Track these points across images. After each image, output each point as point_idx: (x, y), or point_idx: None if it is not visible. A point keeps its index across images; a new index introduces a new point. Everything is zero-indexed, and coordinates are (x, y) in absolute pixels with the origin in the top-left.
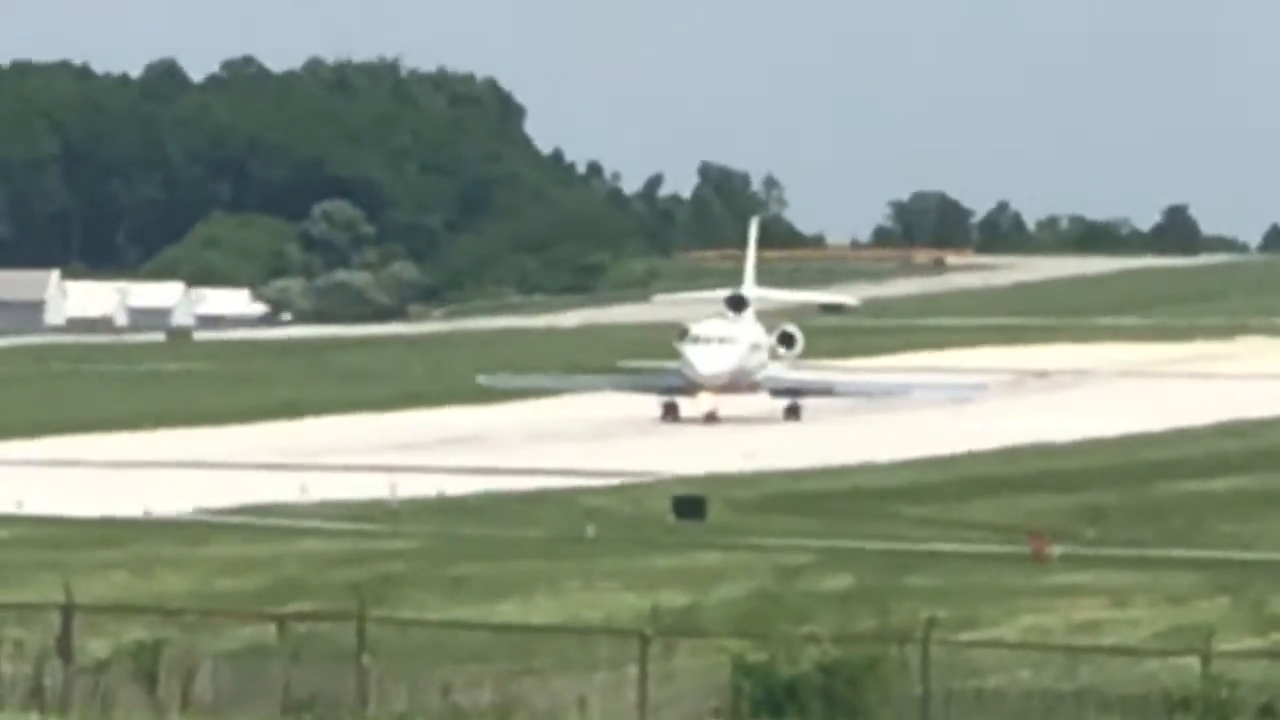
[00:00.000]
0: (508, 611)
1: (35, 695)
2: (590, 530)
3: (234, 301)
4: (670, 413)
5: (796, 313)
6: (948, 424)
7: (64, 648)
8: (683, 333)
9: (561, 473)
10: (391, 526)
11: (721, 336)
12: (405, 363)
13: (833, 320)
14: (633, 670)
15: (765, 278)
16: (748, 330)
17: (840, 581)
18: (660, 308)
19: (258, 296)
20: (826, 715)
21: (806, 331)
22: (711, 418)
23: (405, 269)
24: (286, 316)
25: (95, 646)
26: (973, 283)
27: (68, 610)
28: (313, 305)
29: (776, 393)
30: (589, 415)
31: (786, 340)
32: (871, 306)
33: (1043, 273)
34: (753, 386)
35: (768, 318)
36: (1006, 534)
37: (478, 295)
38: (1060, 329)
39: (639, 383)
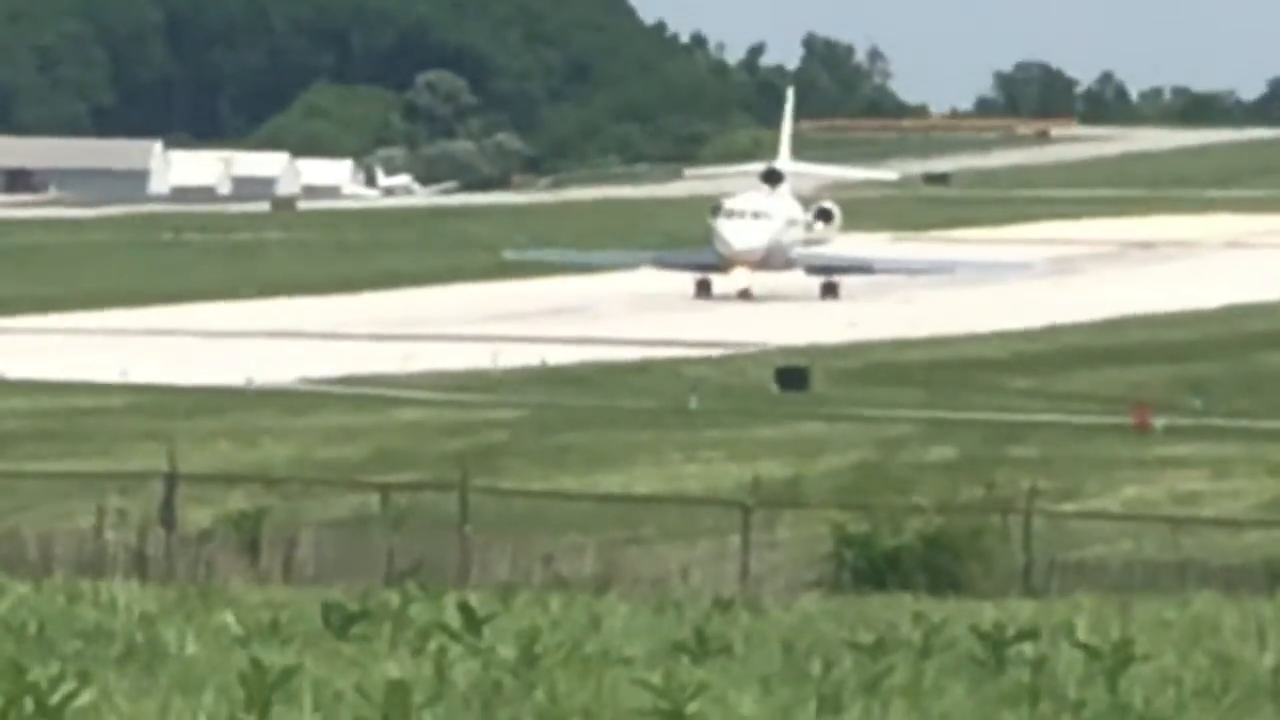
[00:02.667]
0: (610, 481)
1: (138, 564)
2: (693, 400)
3: (337, 171)
4: (704, 290)
5: (903, 184)
6: (1051, 295)
7: (167, 516)
8: (715, 207)
9: (664, 343)
10: (494, 396)
11: (755, 211)
12: (508, 232)
13: (934, 191)
14: (735, 540)
15: (870, 147)
16: (782, 205)
17: (943, 452)
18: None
19: (361, 166)
20: (929, 586)
21: (910, 202)
22: (745, 295)
23: (509, 139)
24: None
25: (198, 515)
26: (1076, 154)
27: (170, 479)
28: (417, 174)
29: (813, 270)
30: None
31: (824, 216)
32: (974, 177)
33: (1147, 144)
34: (787, 264)
35: (864, 193)
36: (1110, 405)
37: (581, 165)
38: (1164, 200)
39: (672, 259)
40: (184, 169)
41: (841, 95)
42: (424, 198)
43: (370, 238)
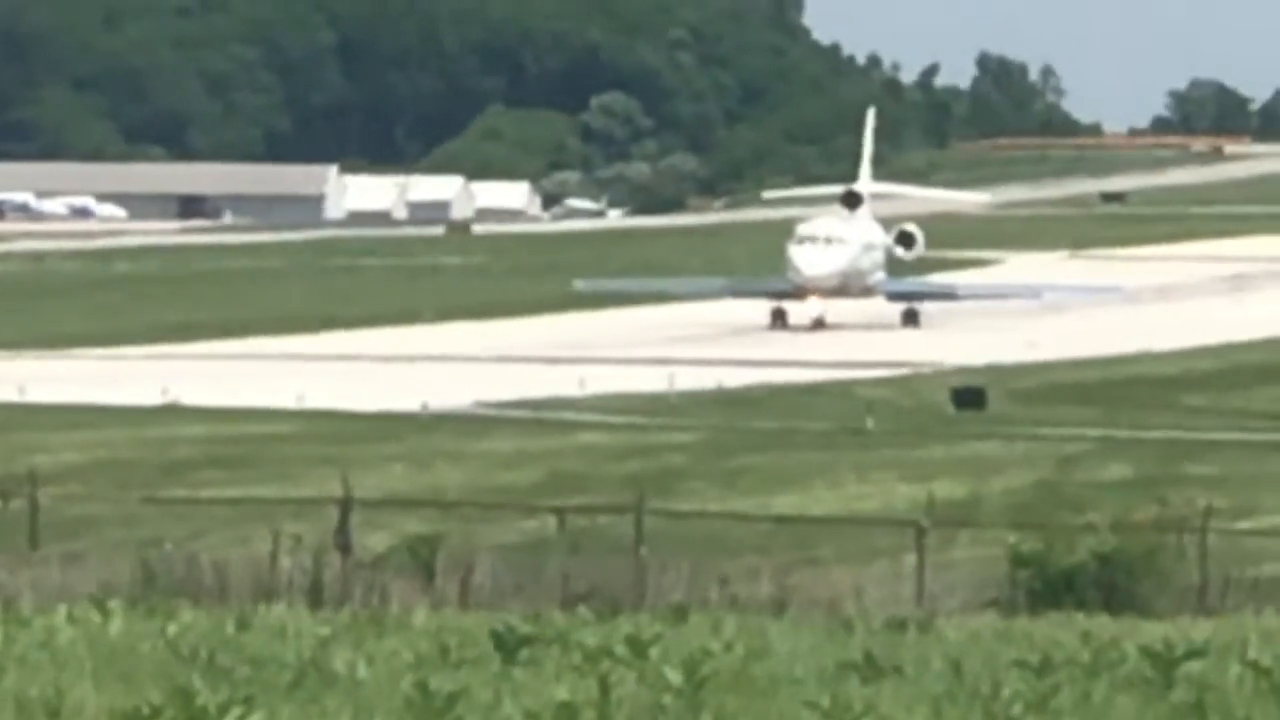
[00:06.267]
0: (786, 503)
1: (313, 589)
2: (869, 422)
3: (513, 195)
4: (779, 319)
5: (1080, 202)
6: (1226, 312)
7: (342, 541)
8: (791, 233)
9: (839, 364)
10: (669, 419)
11: (829, 236)
12: (684, 255)
13: (1111, 209)
14: (910, 560)
15: (1044, 165)
16: (861, 229)
17: (1119, 470)
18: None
19: (537, 190)
20: (1104, 605)
21: (1087, 221)
22: (819, 324)
23: (684, 161)
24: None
25: (373, 540)
26: (1250, 171)
27: (346, 504)
28: (591, 197)
29: (894, 297)
30: (869, 309)
31: (905, 240)
32: (1150, 195)
33: None
34: (867, 291)
35: (1042, 212)
36: None
37: (756, 186)
38: None
39: (745, 287)
40: (359, 194)
41: (1014, 114)
42: (600, 221)
43: (544, 261)
